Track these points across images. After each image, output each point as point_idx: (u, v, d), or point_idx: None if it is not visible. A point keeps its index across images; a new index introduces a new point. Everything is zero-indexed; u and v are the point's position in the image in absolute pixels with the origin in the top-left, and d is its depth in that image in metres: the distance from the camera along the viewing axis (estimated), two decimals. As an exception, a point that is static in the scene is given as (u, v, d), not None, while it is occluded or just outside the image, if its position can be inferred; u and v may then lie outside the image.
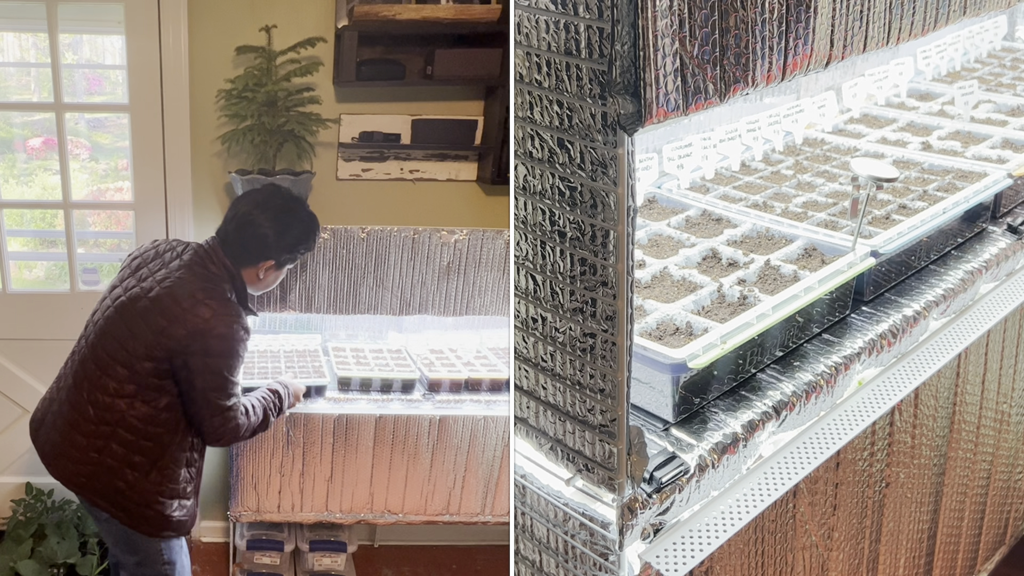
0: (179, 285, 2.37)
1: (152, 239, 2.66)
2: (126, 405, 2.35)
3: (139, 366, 2.33)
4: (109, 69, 3.37)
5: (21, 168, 3.45)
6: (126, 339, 2.35)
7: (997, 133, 3.02)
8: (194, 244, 2.50)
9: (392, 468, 2.88)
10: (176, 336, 2.31)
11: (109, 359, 2.37)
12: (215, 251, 2.45)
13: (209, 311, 2.33)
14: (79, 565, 2.99)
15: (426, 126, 3.21)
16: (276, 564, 3.06)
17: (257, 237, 2.46)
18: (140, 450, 2.37)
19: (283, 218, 2.49)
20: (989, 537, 3.15)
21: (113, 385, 2.35)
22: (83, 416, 2.39)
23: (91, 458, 2.38)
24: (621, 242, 1.61)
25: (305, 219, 2.54)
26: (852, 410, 2.21)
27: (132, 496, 2.39)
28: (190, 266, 2.42)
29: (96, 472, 2.38)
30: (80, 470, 2.40)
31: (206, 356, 2.32)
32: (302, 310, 3.12)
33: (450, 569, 3.40)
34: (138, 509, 2.40)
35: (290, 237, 2.50)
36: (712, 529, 1.90)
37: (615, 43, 1.49)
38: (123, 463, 2.37)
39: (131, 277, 2.46)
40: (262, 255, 2.48)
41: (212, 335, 2.32)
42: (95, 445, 2.37)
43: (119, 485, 2.38)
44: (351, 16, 2.91)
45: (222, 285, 2.41)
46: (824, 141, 3.05)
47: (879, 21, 1.88)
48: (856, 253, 2.26)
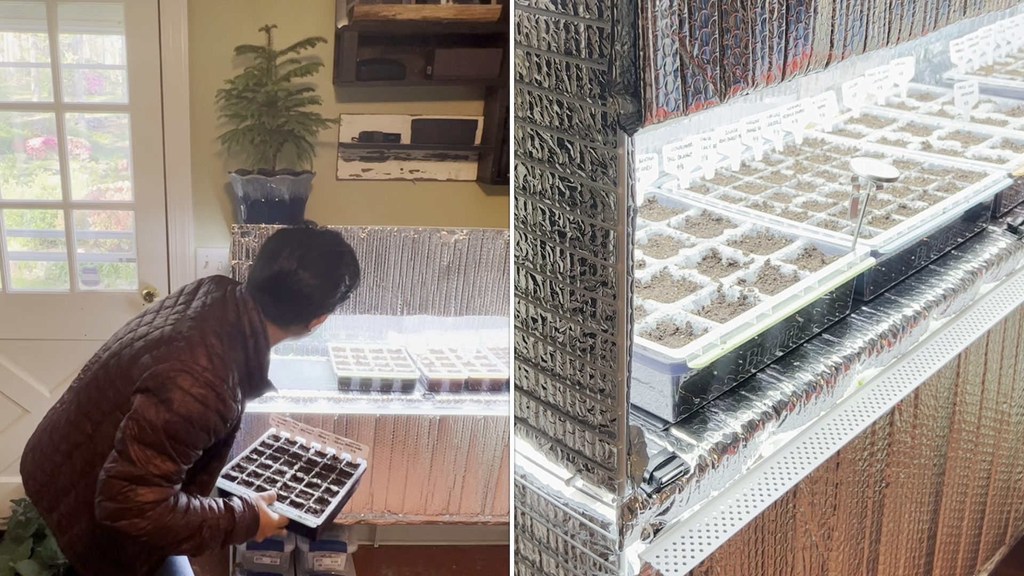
0: (183, 323, 2.04)
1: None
2: (92, 429, 2.05)
3: (123, 392, 2.01)
4: (109, 69, 3.38)
5: (21, 168, 3.45)
6: (96, 399, 2.06)
7: (997, 133, 3.02)
8: (228, 288, 2.16)
9: (392, 468, 2.88)
10: (144, 365, 1.96)
11: (108, 381, 2.07)
12: (244, 302, 2.10)
13: (190, 357, 1.94)
14: (79, 565, 2.99)
15: (426, 126, 3.22)
16: (276, 564, 3.06)
17: (305, 297, 2.11)
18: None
19: (331, 271, 2.15)
20: (989, 537, 3.15)
21: (97, 414, 2.05)
22: (63, 437, 2.12)
23: (50, 476, 2.10)
24: (621, 242, 1.61)
25: (350, 263, 2.20)
26: (852, 410, 2.20)
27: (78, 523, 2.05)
28: (209, 308, 2.08)
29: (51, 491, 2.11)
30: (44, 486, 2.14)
31: (156, 403, 1.90)
32: (302, 310, 3.12)
33: (450, 569, 3.40)
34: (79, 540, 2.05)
35: (343, 285, 2.17)
36: (712, 529, 1.90)
37: (615, 43, 1.49)
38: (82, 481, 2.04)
39: (153, 312, 2.18)
40: (316, 312, 2.16)
41: (175, 384, 1.91)
42: (57, 462, 2.11)
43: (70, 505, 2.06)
44: (351, 16, 2.91)
45: (232, 342, 2.04)
46: (824, 141, 3.05)
47: (879, 21, 1.88)
48: (856, 253, 2.26)
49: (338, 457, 2.53)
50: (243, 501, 2.10)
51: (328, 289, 2.14)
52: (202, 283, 2.24)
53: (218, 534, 2.00)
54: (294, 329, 2.18)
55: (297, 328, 2.18)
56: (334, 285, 2.14)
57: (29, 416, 3.25)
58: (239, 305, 2.09)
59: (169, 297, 2.25)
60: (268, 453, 2.52)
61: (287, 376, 3.04)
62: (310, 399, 2.84)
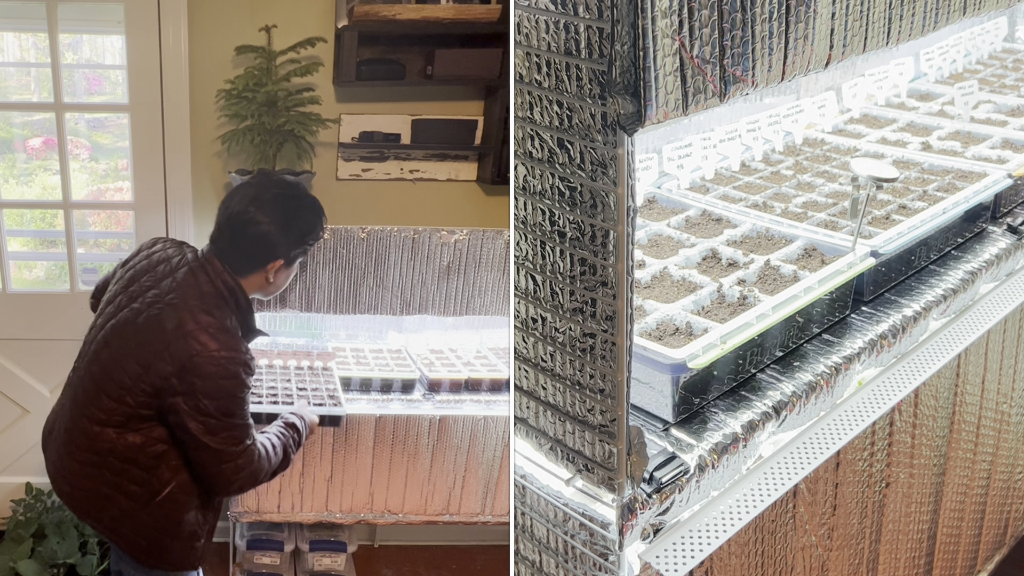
0: (168, 312, 2.07)
1: (147, 241, 2.54)
2: (115, 435, 2.11)
3: (125, 398, 2.08)
4: (109, 69, 3.38)
5: (21, 168, 3.45)
6: (113, 369, 2.10)
7: (997, 133, 3.02)
8: (189, 256, 2.19)
9: (392, 468, 2.88)
10: (163, 373, 2.03)
11: (97, 388, 2.13)
12: (211, 265, 2.14)
13: (198, 345, 2.02)
14: (79, 565, 2.99)
15: (426, 126, 3.21)
16: (276, 564, 3.06)
17: (259, 237, 2.13)
18: (133, 479, 2.13)
19: (284, 209, 2.17)
20: (989, 537, 3.15)
21: (101, 415, 2.11)
22: (75, 443, 2.18)
23: (84, 485, 2.18)
24: (621, 242, 1.61)
25: (308, 204, 2.22)
26: (852, 410, 2.20)
27: (128, 524, 2.17)
28: (183, 287, 2.11)
29: (90, 498, 2.19)
30: (75, 494, 2.22)
31: (195, 397, 2.03)
32: (302, 310, 3.12)
33: (450, 569, 3.40)
34: (134, 539, 2.19)
35: (296, 229, 2.17)
36: (712, 529, 1.90)
37: (615, 43, 1.49)
38: (117, 491, 2.14)
39: (123, 293, 2.20)
40: (269, 256, 2.16)
41: (199, 373, 2.02)
42: (87, 472, 2.16)
43: (114, 512, 2.16)
44: (351, 16, 2.91)
45: (220, 310, 2.10)
46: (824, 141, 3.05)
47: (879, 21, 1.88)
48: (856, 253, 2.26)
49: (312, 366, 2.85)
50: (292, 415, 2.39)
51: (280, 229, 2.14)
52: (156, 248, 2.26)
53: (294, 448, 2.29)
54: (255, 280, 2.18)
55: (258, 278, 2.18)
56: (285, 225, 2.15)
57: (29, 416, 3.25)
58: (208, 272, 2.13)
59: (128, 268, 2.25)
60: (261, 377, 2.76)
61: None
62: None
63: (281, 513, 2.89)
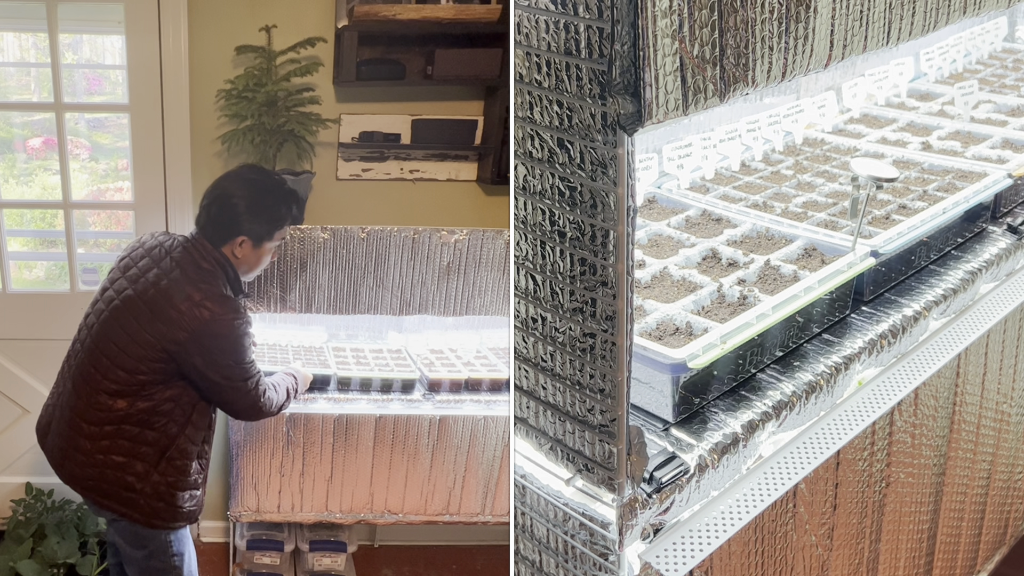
0: (174, 286, 2.35)
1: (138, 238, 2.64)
2: (127, 404, 2.35)
3: (139, 367, 2.33)
4: (109, 69, 3.37)
5: (21, 168, 3.45)
6: (124, 343, 2.35)
7: (997, 133, 3.02)
8: (180, 238, 2.47)
9: (392, 468, 2.88)
10: (177, 340, 2.31)
11: (108, 362, 2.36)
12: (201, 244, 2.42)
13: (207, 312, 2.32)
14: (79, 565, 2.99)
15: (426, 126, 3.21)
16: (276, 564, 3.06)
17: (228, 210, 2.42)
18: (146, 441, 2.37)
19: (254, 189, 2.45)
20: (989, 537, 3.15)
21: (113, 387, 2.35)
22: (85, 419, 2.39)
23: (97, 460, 2.38)
24: (621, 242, 1.61)
25: (275, 189, 2.49)
26: (852, 410, 2.21)
27: (143, 489, 2.38)
28: (181, 264, 2.39)
29: (104, 472, 2.38)
30: (88, 472, 2.40)
31: (212, 354, 2.33)
32: (302, 310, 3.12)
33: (450, 569, 3.40)
34: (149, 502, 2.40)
35: (261, 208, 2.44)
36: (712, 529, 1.90)
37: (615, 43, 1.49)
38: (131, 456, 2.37)
39: (122, 278, 2.44)
40: (234, 230, 2.42)
41: (212, 335, 2.32)
42: (100, 446, 2.37)
43: (129, 480, 2.37)
44: (351, 16, 2.91)
45: (216, 280, 2.39)
46: (824, 141, 3.05)
47: (879, 21, 1.88)
48: (856, 253, 2.26)
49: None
50: (290, 368, 2.76)
51: (247, 206, 2.42)
52: (145, 238, 2.53)
53: (293, 393, 2.64)
54: (226, 252, 2.44)
55: (227, 250, 2.43)
56: (252, 203, 2.43)
57: (29, 416, 3.25)
58: (199, 250, 2.42)
59: (124, 258, 2.50)
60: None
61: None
62: (310, 399, 2.84)
63: (281, 513, 2.89)
